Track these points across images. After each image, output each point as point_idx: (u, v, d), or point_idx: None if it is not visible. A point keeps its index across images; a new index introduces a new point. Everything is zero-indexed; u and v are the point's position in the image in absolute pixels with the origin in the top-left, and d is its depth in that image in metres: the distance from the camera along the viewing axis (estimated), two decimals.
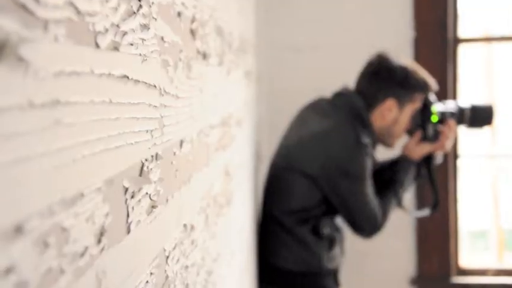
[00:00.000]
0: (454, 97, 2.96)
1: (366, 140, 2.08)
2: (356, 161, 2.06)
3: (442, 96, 2.91)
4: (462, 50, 3.03)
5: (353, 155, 2.06)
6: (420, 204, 2.92)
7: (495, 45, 5.15)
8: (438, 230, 2.97)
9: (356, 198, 2.08)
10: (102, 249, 0.51)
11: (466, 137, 3.22)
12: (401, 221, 2.96)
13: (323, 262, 2.13)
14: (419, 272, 3.01)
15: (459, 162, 3.02)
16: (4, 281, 0.34)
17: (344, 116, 2.12)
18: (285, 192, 2.14)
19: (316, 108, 2.22)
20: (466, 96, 2.43)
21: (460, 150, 3.03)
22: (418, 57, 2.89)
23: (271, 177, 2.24)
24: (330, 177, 2.06)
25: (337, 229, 2.22)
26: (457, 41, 2.98)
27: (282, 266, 2.15)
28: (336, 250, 2.19)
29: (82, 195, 0.47)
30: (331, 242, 2.17)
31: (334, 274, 2.21)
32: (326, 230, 2.14)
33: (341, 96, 2.20)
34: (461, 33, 3.02)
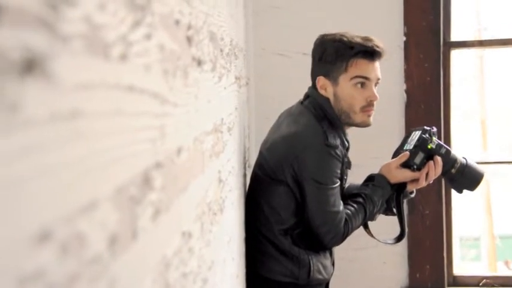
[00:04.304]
0: (446, 102, 2.97)
1: (334, 141, 2.02)
2: (322, 165, 2.01)
3: (435, 101, 2.93)
4: (454, 54, 3.05)
5: (319, 157, 2.00)
6: (411, 209, 2.91)
7: (488, 49, 5.16)
8: (431, 238, 2.95)
9: (318, 205, 2.01)
10: (114, 256, 0.52)
11: (457, 143, 3.24)
12: (393, 229, 2.96)
13: (312, 273, 2.09)
14: (411, 281, 2.99)
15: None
16: (34, 285, 0.35)
17: (312, 117, 2.07)
18: (265, 205, 2.10)
19: (290, 112, 2.19)
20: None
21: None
22: (409, 62, 2.92)
23: (252, 190, 2.21)
24: (297, 179, 2.03)
25: None
26: (449, 45, 3.00)
27: (271, 277, 2.11)
28: (326, 260, 2.16)
29: (96, 202, 0.48)
30: (320, 252, 2.13)
31: (324, 285, 2.18)
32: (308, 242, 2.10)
33: (307, 96, 2.17)
34: (454, 37, 3.05)
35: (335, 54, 2.08)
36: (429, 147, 2.13)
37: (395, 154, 2.20)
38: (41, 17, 0.39)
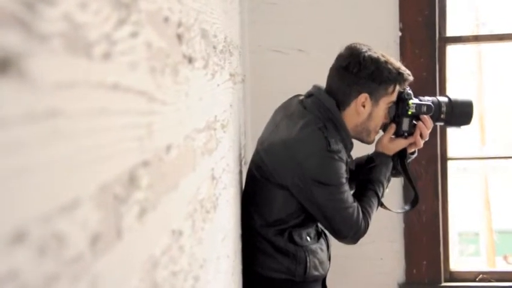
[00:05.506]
0: None
1: (336, 146, 2.00)
2: (327, 169, 1.99)
3: (431, 96, 2.92)
4: (450, 49, 3.05)
5: (323, 162, 1.98)
6: (406, 201, 2.91)
7: (486, 45, 5.15)
8: (427, 233, 2.96)
9: (333, 206, 2.01)
10: (96, 255, 0.52)
11: (454, 138, 3.25)
12: (390, 225, 2.96)
13: (308, 269, 2.09)
14: (408, 277, 2.99)
15: (449, 165, 3.04)
16: (6, 286, 0.35)
17: (313, 120, 2.03)
18: (263, 205, 2.10)
19: (288, 111, 2.16)
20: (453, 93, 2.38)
21: (450, 152, 3.04)
22: (405, 57, 2.91)
23: (248, 189, 2.21)
24: (303, 187, 2.01)
25: (323, 235, 2.21)
26: (445, 40, 3.00)
27: (267, 275, 2.11)
28: (323, 256, 2.16)
29: (77, 202, 0.48)
30: (317, 248, 2.14)
31: (320, 280, 2.19)
32: (305, 239, 2.11)
33: (311, 97, 2.12)
34: (450, 32, 3.04)
35: (387, 76, 2.06)
36: (410, 113, 2.15)
37: (383, 127, 2.21)
38: (16, 16, 0.39)
